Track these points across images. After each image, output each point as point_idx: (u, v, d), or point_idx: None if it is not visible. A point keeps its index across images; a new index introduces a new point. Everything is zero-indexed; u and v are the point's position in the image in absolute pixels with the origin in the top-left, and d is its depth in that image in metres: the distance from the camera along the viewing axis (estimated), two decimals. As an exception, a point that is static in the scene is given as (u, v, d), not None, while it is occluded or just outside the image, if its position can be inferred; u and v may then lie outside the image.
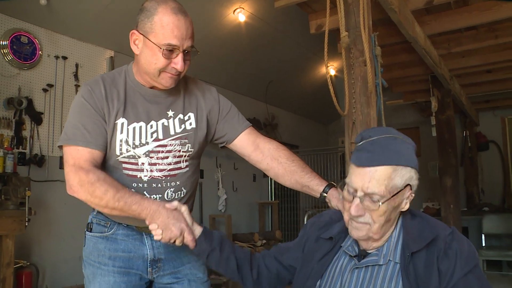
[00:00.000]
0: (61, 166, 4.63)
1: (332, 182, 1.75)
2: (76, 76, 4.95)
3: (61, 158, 4.67)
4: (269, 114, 8.30)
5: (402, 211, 1.38)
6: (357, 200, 1.30)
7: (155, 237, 1.48)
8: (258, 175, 8.07)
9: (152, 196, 1.66)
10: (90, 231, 1.74)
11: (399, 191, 1.30)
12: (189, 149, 1.72)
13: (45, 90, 4.68)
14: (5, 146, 4.20)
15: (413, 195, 1.36)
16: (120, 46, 5.27)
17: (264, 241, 6.73)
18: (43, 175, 4.57)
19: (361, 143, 1.35)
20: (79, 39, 5.02)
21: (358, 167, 1.31)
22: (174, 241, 1.48)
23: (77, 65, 4.98)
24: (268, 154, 1.82)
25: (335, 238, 1.48)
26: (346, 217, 1.38)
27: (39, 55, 4.61)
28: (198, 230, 1.54)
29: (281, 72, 7.38)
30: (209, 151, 6.63)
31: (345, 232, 1.47)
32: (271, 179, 8.25)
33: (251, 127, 1.87)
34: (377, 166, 1.27)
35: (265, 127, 8.08)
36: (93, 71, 5.14)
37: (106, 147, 1.61)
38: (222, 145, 1.89)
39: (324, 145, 8.96)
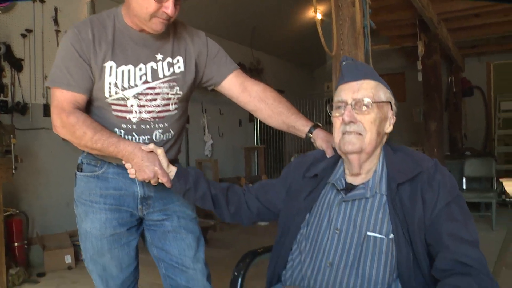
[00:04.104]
0: (46, 114, 4.57)
1: (318, 123, 1.78)
2: (55, 21, 4.80)
3: (45, 105, 4.62)
4: (255, 59, 8.23)
5: (384, 144, 1.46)
6: (349, 107, 1.38)
7: (130, 176, 1.57)
8: (244, 120, 8.08)
9: (140, 137, 1.69)
10: (81, 171, 1.77)
11: (384, 102, 1.42)
12: (178, 92, 1.73)
13: (23, 36, 4.54)
14: (-15, 94, 4.11)
15: (395, 118, 1.47)
16: (101, -11, 5.08)
17: (250, 185, 6.80)
18: (27, 123, 4.51)
19: (345, 62, 1.47)
20: (56, -19, 4.82)
21: (346, 83, 1.42)
22: (150, 181, 1.57)
23: (56, 9, 4.81)
24: (255, 95, 1.84)
25: (320, 175, 1.51)
26: (337, 137, 1.43)
27: (14, -3, 4.41)
28: (173, 171, 1.59)
29: (267, 16, 7.24)
30: (195, 96, 6.48)
31: (330, 169, 1.52)
32: (257, 124, 8.28)
33: (239, 69, 1.88)
34: (363, 80, 1.41)
35: (251, 72, 7.99)
36: (73, 15, 4.97)
37: (90, 91, 1.63)
38: (210, 88, 1.90)
39: (310, 90, 8.93)
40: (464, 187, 6.46)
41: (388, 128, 1.45)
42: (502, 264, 1.94)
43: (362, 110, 1.37)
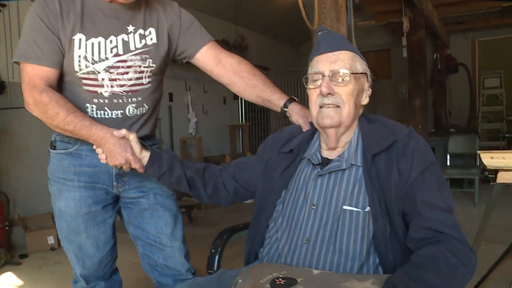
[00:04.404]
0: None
1: (294, 97, 1.75)
2: (31, -7, 4.66)
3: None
4: (239, 36, 8.14)
5: (361, 115, 1.44)
6: (326, 79, 1.35)
7: (101, 161, 1.56)
8: (228, 98, 8.02)
9: (113, 112, 1.65)
10: (54, 149, 1.73)
11: (361, 74, 1.39)
12: (150, 65, 1.68)
13: (-3, 10, 4.40)
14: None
15: (370, 90, 1.44)
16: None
17: (227, 165, 6.79)
18: (5, 102, 4.41)
19: (320, 32, 1.42)
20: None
21: (322, 54, 1.38)
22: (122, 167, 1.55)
23: (32, -18, 4.67)
24: (230, 68, 1.80)
25: (296, 150, 1.48)
26: (314, 110, 1.40)
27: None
28: (146, 156, 1.57)
29: (251, -9, 7.12)
30: (178, 74, 6.50)
31: (305, 143, 1.49)
32: (241, 101, 8.23)
33: (214, 41, 1.84)
34: (340, 50, 1.37)
35: (235, 49, 7.92)
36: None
37: (61, 64, 1.59)
38: (185, 60, 1.85)
39: (295, 67, 8.86)
40: (448, 163, 6.51)
41: (365, 100, 1.43)
42: (481, 238, 1.96)
43: (340, 82, 1.34)
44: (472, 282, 1.97)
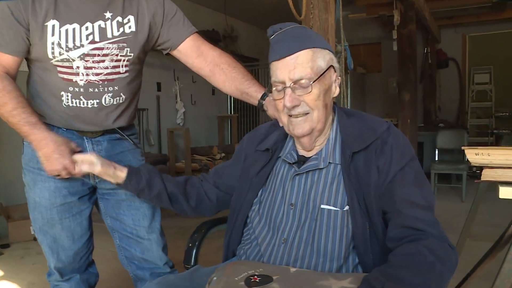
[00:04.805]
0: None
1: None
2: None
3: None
4: (229, 26, 8.06)
5: (336, 111, 1.39)
6: (288, 91, 1.26)
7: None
8: (218, 88, 7.93)
9: (89, 102, 1.61)
10: None
11: (325, 71, 1.28)
12: (128, 54, 1.63)
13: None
14: None
15: (340, 78, 1.36)
16: None
17: (223, 154, 6.75)
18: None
19: (273, 35, 1.31)
20: None
21: (279, 60, 1.28)
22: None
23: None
24: (211, 60, 1.77)
25: (272, 149, 1.43)
26: (284, 118, 1.33)
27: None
28: (124, 171, 1.53)
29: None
30: (166, 63, 6.42)
31: (282, 141, 1.44)
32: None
33: (197, 33, 1.79)
34: (297, 52, 1.26)
35: (224, 40, 7.85)
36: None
37: (24, 53, 1.55)
38: (166, 51, 1.80)
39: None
40: (437, 158, 6.51)
41: (335, 92, 1.35)
42: (466, 235, 1.93)
43: (302, 92, 1.26)
44: (456, 280, 1.94)
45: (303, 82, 1.25)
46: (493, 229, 3.93)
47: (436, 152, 6.54)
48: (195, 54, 1.76)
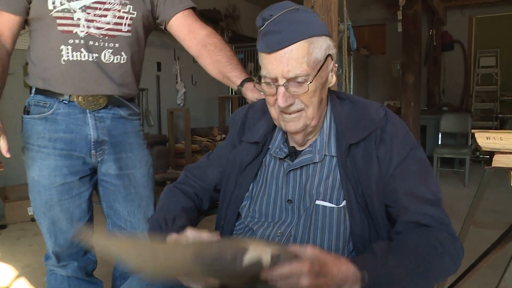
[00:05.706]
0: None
1: (253, 77, 1.63)
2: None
3: None
4: (230, 5, 7.95)
5: (330, 92, 1.26)
6: (282, 90, 1.11)
7: None
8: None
9: (90, 54, 1.58)
10: (28, 114, 1.66)
11: (323, 64, 1.13)
12: (131, 11, 1.62)
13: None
14: None
15: (336, 65, 1.20)
16: None
17: (223, 136, 6.68)
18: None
19: (264, 26, 1.14)
20: None
21: (270, 53, 1.11)
22: None
23: None
24: (200, 40, 1.73)
25: (262, 142, 1.30)
26: (274, 113, 1.20)
27: None
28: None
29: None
30: (167, 42, 6.30)
31: (270, 133, 1.32)
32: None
33: (191, 9, 1.76)
34: (291, 45, 1.09)
35: (226, 19, 7.73)
36: None
37: (22, 12, 1.55)
38: (162, 25, 1.77)
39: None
40: (440, 142, 6.43)
41: (332, 81, 1.21)
42: (470, 223, 1.87)
43: (298, 90, 1.12)
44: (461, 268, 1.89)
45: (299, 80, 1.11)
46: (495, 214, 3.90)
47: (439, 135, 6.44)
48: (186, 31, 1.74)
